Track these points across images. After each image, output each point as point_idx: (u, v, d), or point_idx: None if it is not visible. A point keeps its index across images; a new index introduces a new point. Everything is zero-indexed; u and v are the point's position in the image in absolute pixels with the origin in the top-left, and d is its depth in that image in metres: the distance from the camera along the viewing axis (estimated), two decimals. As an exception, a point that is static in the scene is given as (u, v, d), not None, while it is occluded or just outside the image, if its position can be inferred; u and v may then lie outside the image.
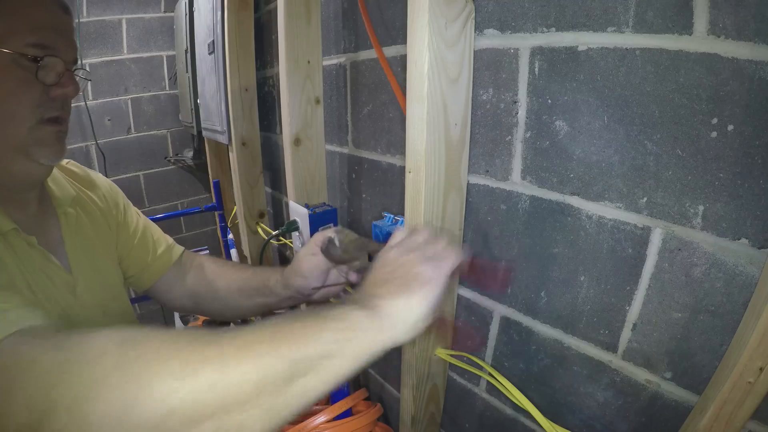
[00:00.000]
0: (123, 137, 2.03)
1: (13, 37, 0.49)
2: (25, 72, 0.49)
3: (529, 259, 0.59)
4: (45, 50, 0.50)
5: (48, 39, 0.51)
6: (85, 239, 0.63)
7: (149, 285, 0.75)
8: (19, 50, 0.49)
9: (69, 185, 0.65)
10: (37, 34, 0.50)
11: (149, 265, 0.74)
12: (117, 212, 0.71)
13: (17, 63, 0.49)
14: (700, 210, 0.42)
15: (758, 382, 0.37)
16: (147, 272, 0.74)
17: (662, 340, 0.47)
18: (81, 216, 0.64)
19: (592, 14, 0.46)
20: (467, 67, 0.57)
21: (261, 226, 1.39)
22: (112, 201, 0.71)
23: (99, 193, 0.70)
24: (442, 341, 0.68)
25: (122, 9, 1.88)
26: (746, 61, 0.37)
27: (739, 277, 0.41)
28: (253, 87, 1.25)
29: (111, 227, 0.69)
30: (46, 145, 0.53)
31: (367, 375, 1.06)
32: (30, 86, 0.50)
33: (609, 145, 0.48)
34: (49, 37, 0.51)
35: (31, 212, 0.58)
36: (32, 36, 0.49)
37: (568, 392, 0.58)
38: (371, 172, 0.85)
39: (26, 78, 0.50)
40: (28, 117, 0.50)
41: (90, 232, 0.65)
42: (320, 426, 0.68)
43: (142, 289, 0.76)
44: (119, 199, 0.74)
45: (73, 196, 0.64)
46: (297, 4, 0.83)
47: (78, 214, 0.64)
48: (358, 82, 0.83)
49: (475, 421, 0.75)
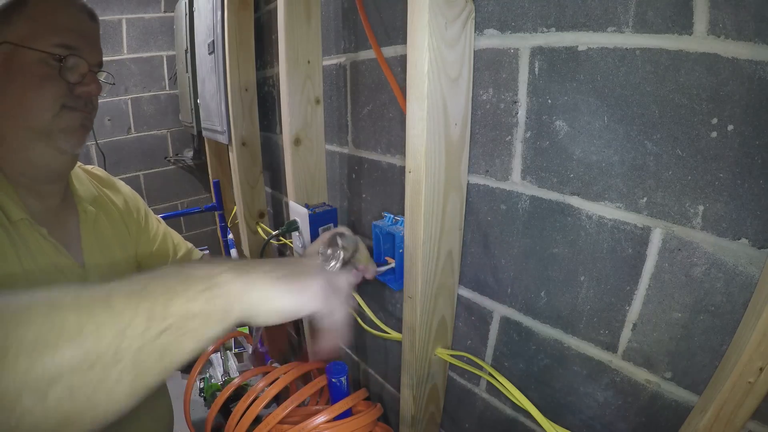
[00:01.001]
0: (123, 137, 2.03)
1: (41, 38, 0.52)
2: (50, 69, 0.52)
3: (529, 259, 0.59)
4: (69, 50, 0.54)
5: (72, 41, 0.54)
6: (102, 237, 0.65)
7: None
8: (46, 49, 0.52)
9: (92, 186, 0.68)
10: (62, 35, 0.53)
11: None
12: (138, 216, 0.74)
13: (43, 61, 0.52)
14: (700, 210, 0.42)
15: (758, 382, 0.37)
16: None
17: (662, 340, 0.47)
18: (100, 215, 0.66)
19: (592, 14, 0.46)
20: (467, 67, 0.57)
21: (261, 226, 1.39)
22: (133, 206, 0.74)
23: (120, 197, 0.73)
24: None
25: (122, 9, 1.88)
26: (746, 61, 0.37)
27: (739, 277, 0.41)
28: (253, 87, 1.25)
29: (131, 231, 0.72)
30: (69, 131, 0.55)
31: (367, 375, 1.06)
32: (54, 82, 0.53)
33: (609, 145, 0.48)
34: (73, 39, 0.54)
35: (51, 205, 0.60)
36: (57, 37, 0.53)
37: (568, 392, 0.58)
38: (371, 172, 0.85)
39: (51, 74, 0.53)
40: (51, 106, 0.53)
41: (108, 232, 0.67)
42: (320, 426, 0.68)
43: None
44: (140, 205, 0.77)
45: (95, 196, 0.67)
46: (297, 4, 0.83)
47: (98, 213, 0.66)
48: (358, 82, 0.83)
49: (475, 421, 0.75)
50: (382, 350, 0.97)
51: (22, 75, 0.52)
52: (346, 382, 0.73)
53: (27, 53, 0.51)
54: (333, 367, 0.72)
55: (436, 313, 0.67)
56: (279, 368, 0.84)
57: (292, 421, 0.70)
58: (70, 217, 0.62)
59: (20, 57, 0.51)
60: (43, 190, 0.58)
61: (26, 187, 0.56)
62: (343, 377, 0.72)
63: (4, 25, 0.52)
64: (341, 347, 1.03)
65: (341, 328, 0.42)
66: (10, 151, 0.54)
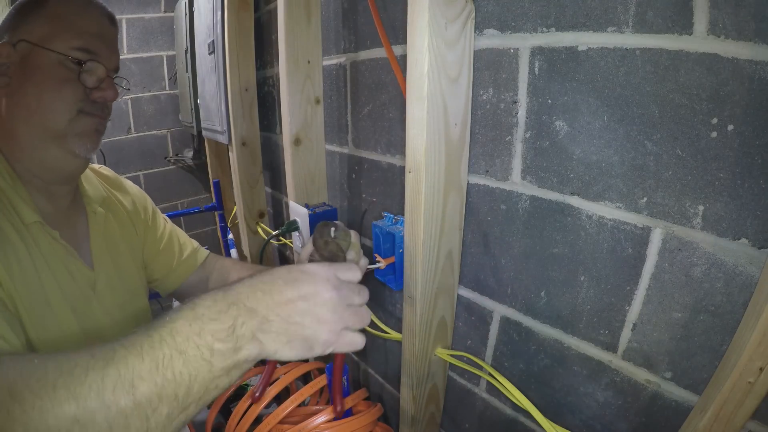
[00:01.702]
0: (123, 137, 2.03)
1: (61, 40, 0.52)
2: (69, 72, 0.52)
3: (529, 259, 0.59)
4: (89, 54, 0.54)
5: (93, 45, 0.54)
6: (110, 238, 0.65)
7: (175, 288, 0.77)
8: (65, 52, 0.52)
9: (101, 186, 0.68)
10: (83, 39, 0.53)
11: (174, 269, 0.76)
12: (146, 216, 0.74)
13: (62, 64, 0.52)
14: (700, 210, 0.42)
15: (758, 382, 0.37)
16: (173, 276, 0.76)
17: (662, 340, 0.47)
18: (109, 216, 0.66)
19: (592, 14, 0.46)
20: (467, 67, 0.57)
21: (261, 226, 1.39)
22: (141, 206, 0.74)
23: (128, 198, 0.73)
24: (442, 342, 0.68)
25: (122, 9, 1.88)
26: (746, 61, 0.37)
27: (739, 277, 0.41)
28: (253, 87, 1.25)
29: (138, 231, 0.72)
30: (84, 135, 0.55)
31: (367, 375, 1.06)
32: (72, 85, 0.53)
33: (609, 145, 0.48)
34: (94, 43, 0.54)
35: (61, 207, 0.60)
36: (78, 40, 0.53)
37: (568, 392, 0.58)
38: (371, 172, 0.85)
39: (69, 78, 0.53)
40: (68, 109, 0.53)
41: (116, 233, 0.67)
42: (320, 426, 0.68)
43: (167, 291, 0.78)
44: (147, 204, 0.77)
45: (104, 197, 0.67)
46: (297, 4, 0.83)
47: (106, 214, 0.66)
48: (358, 82, 0.83)
49: (475, 421, 0.75)
50: (382, 350, 0.97)
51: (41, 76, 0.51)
52: (346, 382, 0.73)
53: (46, 54, 0.51)
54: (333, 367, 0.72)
55: (436, 313, 0.67)
56: (279, 368, 0.84)
57: (292, 421, 0.70)
58: (79, 218, 0.62)
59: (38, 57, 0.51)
60: (54, 192, 0.58)
61: (37, 188, 0.56)
62: (343, 377, 0.72)
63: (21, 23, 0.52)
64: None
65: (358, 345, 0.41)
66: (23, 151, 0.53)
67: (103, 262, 0.62)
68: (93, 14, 0.55)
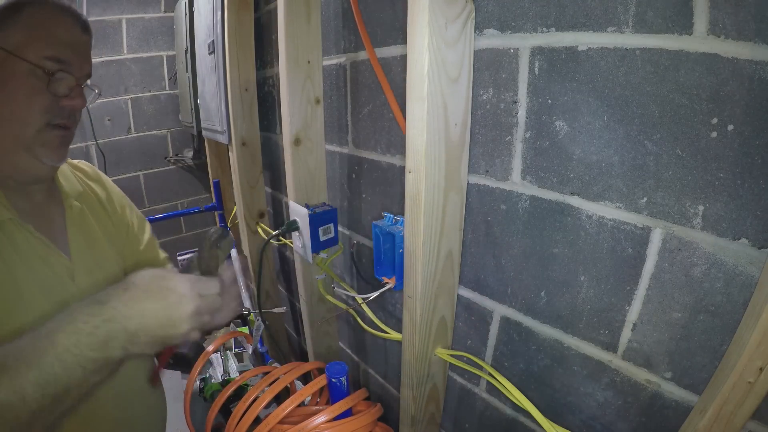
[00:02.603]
0: (123, 137, 2.03)
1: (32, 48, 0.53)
2: (38, 82, 0.53)
3: (529, 259, 0.59)
4: (60, 64, 0.54)
5: (64, 54, 0.55)
6: (88, 231, 0.67)
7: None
8: (36, 62, 0.52)
9: (77, 181, 0.70)
10: (53, 48, 0.54)
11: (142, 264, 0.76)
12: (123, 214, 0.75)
13: (32, 73, 0.53)
14: (700, 210, 0.42)
15: (758, 382, 0.37)
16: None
17: (662, 340, 0.47)
18: (85, 210, 0.68)
19: (592, 14, 0.46)
20: (467, 67, 0.57)
21: (261, 226, 1.39)
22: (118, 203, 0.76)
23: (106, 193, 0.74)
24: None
25: (122, 9, 1.88)
26: (746, 61, 0.37)
27: (739, 277, 0.41)
28: (253, 87, 1.25)
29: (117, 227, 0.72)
30: (51, 147, 0.57)
31: (367, 375, 1.06)
32: (41, 95, 0.54)
33: (609, 145, 0.48)
34: (65, 52, 0.55)
35: (37, 202, 0.61)
36: (49, 50, 0.53)
37: (568, 392, 0.58)
38: (371, 172, 0.85)
39: (39, 87, 0.53)
40: (36, 121, 0.54)
41: (93, 226, 0.68)
42: (320, 426, 0.68)
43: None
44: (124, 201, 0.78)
45: (80, 191, 0.68)
46: (297, 4, 0.83)
47: (83, 207, 0.67)
48: (358, 82, 0.83)
49: (475, 421, 0.75)
50: (382, 350, 0.97)
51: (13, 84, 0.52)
52: (346, 382, 0.73)
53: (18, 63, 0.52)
54: (333, 367, 0.72)
55: (436, 313, 0.67)
56: (279, 368, 0.84)
57: (292, 421, 0.70)
58: (56, 212, 0.64)
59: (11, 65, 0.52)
60: (29, 190, 0.60)
61: (12, 188, 0.57)
62: (343, 377, 0.71)
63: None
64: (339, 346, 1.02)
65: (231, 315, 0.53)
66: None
67: (81, 252, 0.64)
68: (67, 22, 0.56)
